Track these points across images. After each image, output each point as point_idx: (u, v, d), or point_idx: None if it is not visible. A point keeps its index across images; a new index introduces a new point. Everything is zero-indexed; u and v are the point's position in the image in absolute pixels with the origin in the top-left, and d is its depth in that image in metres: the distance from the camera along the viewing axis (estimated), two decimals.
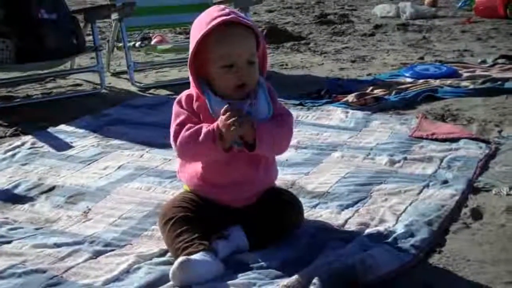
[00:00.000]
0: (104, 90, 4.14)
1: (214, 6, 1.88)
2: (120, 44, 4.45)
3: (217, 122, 1.76)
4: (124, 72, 4.56)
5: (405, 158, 2.62)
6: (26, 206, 2.25)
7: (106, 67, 4.56)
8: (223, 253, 1.75)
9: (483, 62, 4.63)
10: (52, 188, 2.41)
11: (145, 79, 4.51)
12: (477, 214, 2.09)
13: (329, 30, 6.78)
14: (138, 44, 4.36)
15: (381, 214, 2.07)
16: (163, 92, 4.14)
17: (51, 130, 3.21)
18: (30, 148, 2.92)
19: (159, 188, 2.38)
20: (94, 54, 4.21)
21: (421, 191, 2.26)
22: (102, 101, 3.87)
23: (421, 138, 2.89)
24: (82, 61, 4.83)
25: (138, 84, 4.28)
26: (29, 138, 3.05)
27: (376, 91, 3.78)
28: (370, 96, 3.66)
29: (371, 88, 3.85)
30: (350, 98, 3.62)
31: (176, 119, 1.84)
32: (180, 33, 6.69)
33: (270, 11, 8.75)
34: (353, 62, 4.98)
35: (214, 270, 1.67)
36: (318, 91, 3.85)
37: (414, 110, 3.45)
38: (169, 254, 1.81)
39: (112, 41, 4.60)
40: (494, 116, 3.24)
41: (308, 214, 2.06)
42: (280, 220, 1.87)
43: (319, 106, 3.56)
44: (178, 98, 1.89)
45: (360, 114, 3.34)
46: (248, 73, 1.80)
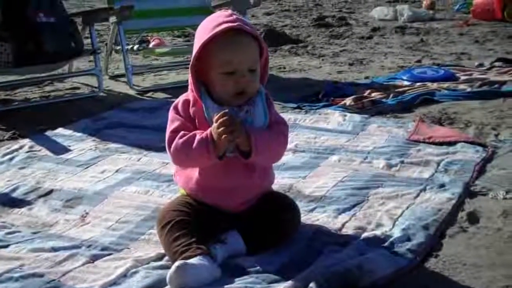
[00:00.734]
0: (102, 93, 4.14)
1: (221, 11, 1.87)
2: (118, 47, 4.45)
3: (210, 129, 1.76)
4: (122, 75, 4.56)
5: (402, 162, 2.62)
6: (23, 210, 2.25)
7: (104, 70, 4.56)
8: (221, 257, 1.75)
9: (481, 65, 4.63)
10: (49, 192, 2.41)
11: (143, 82, 4.51)
12: (473, 218, 2.10)
13: (327, 33, 6.79)
14: (136, 47, 4.35)
15: (378, 218, 2.08)
16: (161, 95, 4.14)
17: (49, 133, 3.21)
18: (28, 151, 2.92)
19: (157, 191, 2.38)
20: (92, 57, 4.23)
21: (418, 195, 2.27)
22: (100, 104, 3.87)
23: (418, 142, 2.90)
24: (80, 64, 4.84)
25: (136, 87, 4.28)
26: (27, 142, 3.05)
27: (373, 94, 3.79)
28: (367, 99, 3.67)
29: (369, 91, 3.86)
30: (348, 101, 3.62)
31: (170, 126, 1.84)
32: (178, 36, 6.70)
33: (268, 14, 8.76)
34: (351, 65, 4.99)
35: (212, 274, 1.68)
36: (316, 94, 3.86)
37: (411, 113, 3.45)
38: (166, 258, 1.81)
39: (110, 44, 4.61)
40: (491, 119, 3.25)
41: (305, 218, 2.06)
42: (277, 224, 1.87)
43: (317, 109, 3.57)
44: (175, 103, 1.89)
45: (357, 117, 3.35)
46: (248, 81, 1.79)
